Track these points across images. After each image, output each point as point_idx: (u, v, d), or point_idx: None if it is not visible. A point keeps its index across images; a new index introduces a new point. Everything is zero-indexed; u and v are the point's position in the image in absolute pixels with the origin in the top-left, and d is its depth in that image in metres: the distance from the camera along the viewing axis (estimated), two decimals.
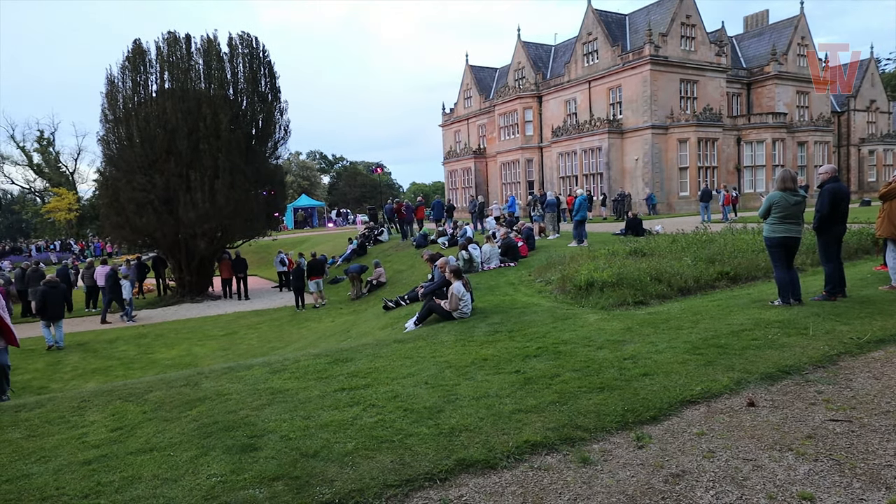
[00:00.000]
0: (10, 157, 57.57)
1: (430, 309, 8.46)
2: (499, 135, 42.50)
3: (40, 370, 11.92)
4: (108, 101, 20.55)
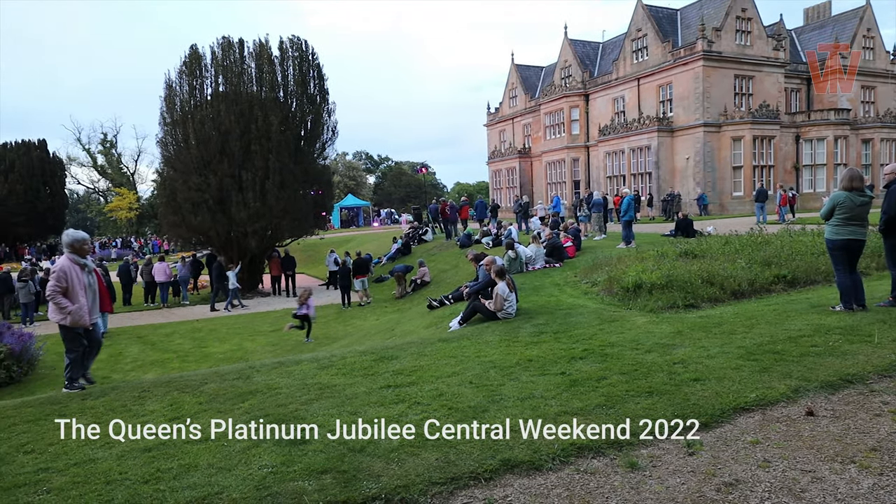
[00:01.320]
0: (77, 159, 60.80)
1: (475, 309, 8.47)
2: (544, 134, 42.10)
3: (103, 361, 12.53)
4: (166, 104, 21.44)
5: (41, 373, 11.72)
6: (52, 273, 5.86)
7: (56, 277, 5.76)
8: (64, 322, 5.82)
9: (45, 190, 44.53)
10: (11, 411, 5.24)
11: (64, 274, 5.78)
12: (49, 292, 5.76)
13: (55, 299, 5.74)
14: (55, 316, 5.86)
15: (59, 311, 5.79)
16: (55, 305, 5.79)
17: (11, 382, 10.82)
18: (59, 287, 5.74)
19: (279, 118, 20.74)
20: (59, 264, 5.90)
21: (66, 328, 5.91)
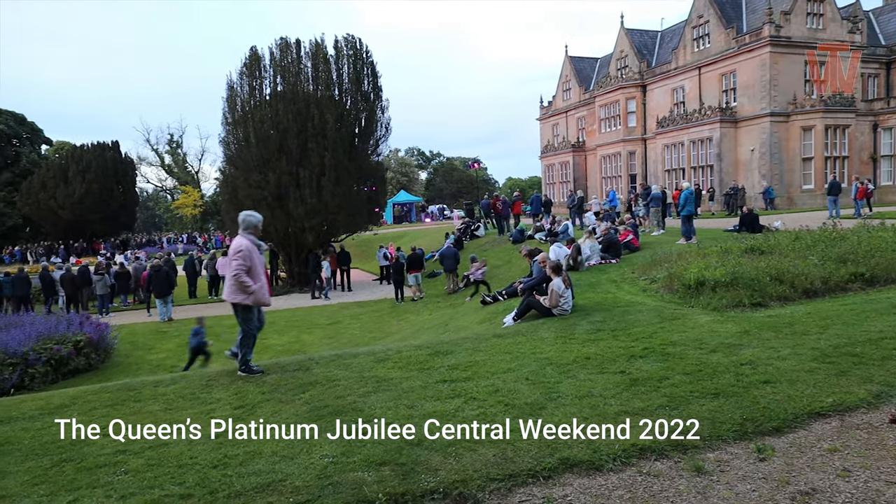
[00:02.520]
0: (146, 159, 64.05)
1: (530, 305, 8.38)
2: (599, 127, 41.17)
3: (171, 350, 13.17)
4: (228, 104, 22.23)
5: (116, 360, 12.43)
6: (236, 253, 5.66)
7: (242, 257, 5.63)
8: (246, 301, 5.70)
9: (118, 188, 47.01)
10: (92, 396, 5.57)
11: (249, 253, 5.68)
12: (235, 271, 5.60)
13: (241, 278, 5.60)
14: (237, 296, 5.69)
15: (241, 291, 5.65)
16: (238, 285, 5.63)
17: (90, 369, 11.51)
18: (245, 266, 5.62)
19: (334, 116, 21.14)
20: (242, 244, 5.72)
21: (246, 308, 5.78)
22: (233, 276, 5.66)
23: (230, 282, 5.75)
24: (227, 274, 5.82)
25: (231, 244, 5.95)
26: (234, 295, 5.73)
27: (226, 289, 5.89)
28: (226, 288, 5.89)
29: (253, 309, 5.87)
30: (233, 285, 5.70)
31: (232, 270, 5.66)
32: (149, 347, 13.52)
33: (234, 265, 5.65)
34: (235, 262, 5.64)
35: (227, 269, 5.84)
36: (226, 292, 5.87)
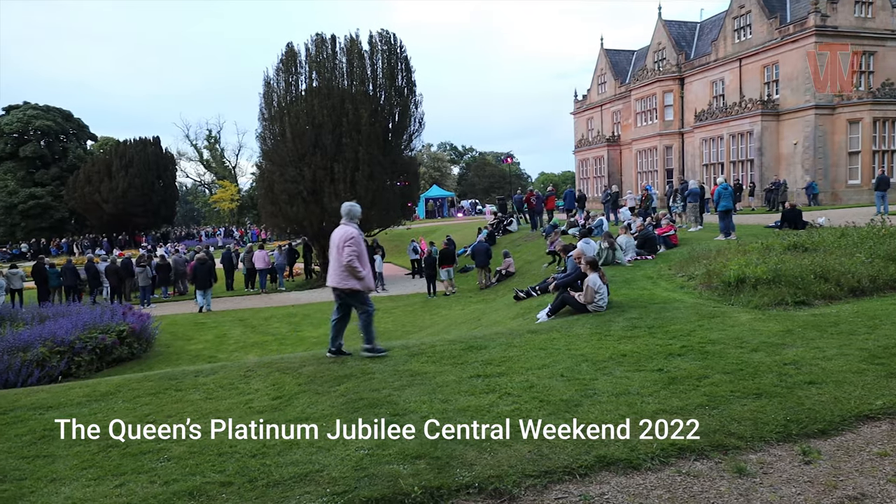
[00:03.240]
0: (186, 154, 65.66)
1: (564, 301, 8.29)
2: (635, 121, 40.41)
3: (210, 341, 13.50)
4: (264, 100, 22.62)
5: (157, 350, 12.79)
6: (348, 241, 5.77)
7: (354, 244, 5.75)
8: (357, 287, 5.83)
9: (159, 183, 48.42)
10: (135, 384, 5.75)
11: (358, 240, 5.82)
12: (348, 258, 5.70)
13: (353, 264, 5.71)
14: (348, 282, 5.80)
15: (353, 277, 5.77)
16: (351, 271, 5.74)
17: (133, 358, 11.88)
18: (356, 253, 5.74)
19: (368, 111, 21.29)
20: (352, 232, 5.82)
21: (357, 292, 5.92)
22: (346, 262, 5.74)
23: (340, 268, 5.84)
24: (336, 261, 5.88)
25: (338, 233, 5.97)
26: (345, 281, 5.84)
27: (333, 275, 5.96)
28: (333, 275, 5.96)
29: (360, 295, 5.97)
30: (344, 271, 5.82)
31: (345, 257, 5.74)
32: (188, 338, 13.88)
33: (347, 252, 5.74)
34: (348, 248, 5.73)
35: (336, 257, 5.89)
36: (334, 279, 5.95)
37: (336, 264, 5.90)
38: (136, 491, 3.40)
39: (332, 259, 6.05)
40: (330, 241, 6.15)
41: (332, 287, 6.10)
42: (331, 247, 6.10)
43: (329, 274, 6.13)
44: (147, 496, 3.33)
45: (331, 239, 6.11)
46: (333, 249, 5.99)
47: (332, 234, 6.10)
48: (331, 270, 6.06)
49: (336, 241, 5.94)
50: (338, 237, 5.93)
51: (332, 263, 6.02)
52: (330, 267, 6.10)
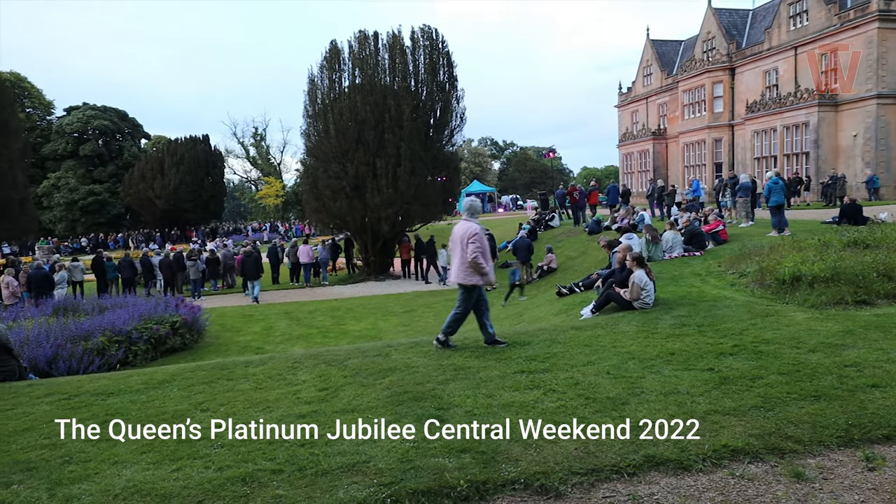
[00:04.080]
0: (233, 151, 67.60)
1: (609, 297, 8.16)
2: (682, 113, 39.29)
3: (257, 333, 13.88)
4: (309, 98, 23.02)
5: (207, 341, 13.24)
6: (472, 237, 5.80)
7: (478, 240, 5.78)
8: (478, 283, 5.88)
9: (208, 179, 49.96)
10: (189, 373, 5.96)
11: (482, 236, 5.85)
12: (473, 254, 5.73)
13: (478, 260, 5.74)
14: (471, 278, 5.84)
15: (476, 273, 5.81)
16: (475, 267, 5.77)
17: (185, 348, 12.33)
18: (481, 249, 5.76)
19: (410, 107, 21.40)
20: (475, 228, 5.86)
21: (471, 289, 5.97)
22: (470, 259, 5.77)
23: (463, 265, 5.87)
24: (460, 257, 5.89)
25: (459, 229, 5.98)
26: (468, 277, 5.88)
27: (456, 271, 5.98)
28: (456, 271, 5.98)
29: (476, 291, 6.01)
30: (468, 268, 5.84)
31: (470, 253, 5.76)
32: (237, 330, 14.31)
33: (472, 248, 5.75)
34: (472, 245, 5.76)
35: (459, 252, 5.91)
36: (457, 275, 5.98)
37: (459, 260, 5.90)
38: (192, 475, 3.53)
39: (454, 255, 6.06)
40: (451, 237, 6.15)
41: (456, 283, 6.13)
42: (452, 242, 6.11)
43: (452, 269, 6.14)
44: (202, 481, 3.45)
45: (452, 234, 6.11)
46: (457, 245, 5.99)
47: (454, 229, 6.10)
48: (454, 266, 6.06)
49: (458, 236, 5.93)
50: (460, 233, 5.92)
51: (455, 259, 6.02)
52: (453, 263, 6.11)
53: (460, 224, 6.06)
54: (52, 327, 10.48)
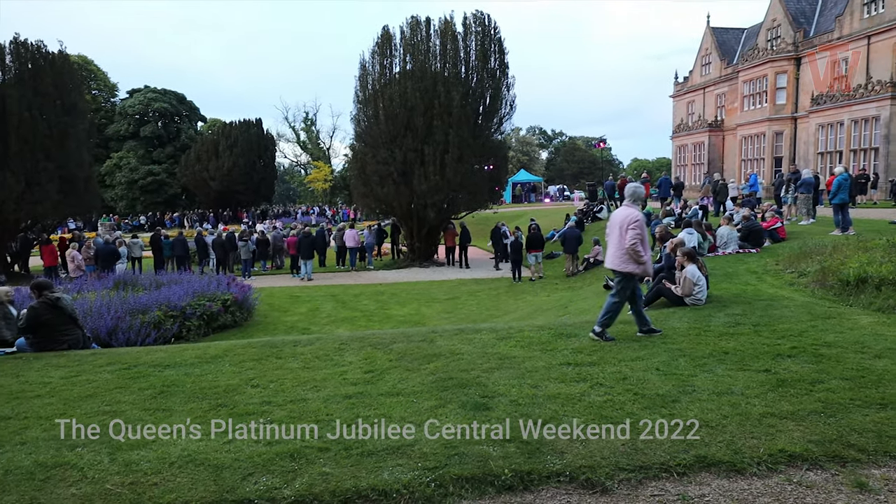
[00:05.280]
0: (284, 135, 69.12)
1: (659, 292, 7.95)
2: (741, 104, 37.71)
3: (304, 314, 14.20)
4: (360, 83, 23.22)
5: (256, 319, 13.64)
6: (633, 223, 5.62)
7: (639, 227, 5.60)
8: (635, 271, 5.73)
9: (260, 163, 51.25)
10: (240, 350, 6.15)
11: (643, 224, 5.71)
12: (633, 241, 5.58)
13: (637, 248, 5.59)
14: (627, 265, 5.70)
15: (634, 260, 5.66)
16: (633, 254, 5.62)
17: (235, 326, 12.74)
18: (641, 236, 5.61)
19: (460, 94, 21.30)
20: (637, 215, 5.70)
21: (630, 277, 5.81)
22: (629, 245, 5.60)
23: (620, 251, 5.71)
24: (617, 243, 5.75)
25: (619, 215, 5.83)
26: (624, 264, 5.71)
27: (613, 258, 5.84)
28: (613, 257, 5.84)
29: (634, 279, 5.87)
30: (625, 254, 5.67)
31: (629, 240, 5.59)
32: (284, 310, 14.67)
33: (631, 234, 5.58)
34: (632, 231, 5.59)
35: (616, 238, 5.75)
36: (614, 261, 5.83)
37: (616, 246, 5.77)
38: (242, 448, 3.64)
39: (611, 240, 5.91)
40: (609, 222, 6.01)
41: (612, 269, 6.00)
42: (610, 227, 5.96)
43: (608, 255, 5.99)
44: (252, 454, 3.55)
45: (610, 220, 5.97)
46: (615, 230, 5.81)
47: (612, 215, 5.98)
48: (610, 252, 5.92)
49: (617, 222, 5.76)
50: (619, 219, 5.75)
51: (612, 245, 5.86)
52: (609, 248, 5.96)
53: (621, 210, 5.89)
54: (113, 300, 11.00)
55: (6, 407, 4.66)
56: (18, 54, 20.80)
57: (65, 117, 21.63)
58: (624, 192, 5.98)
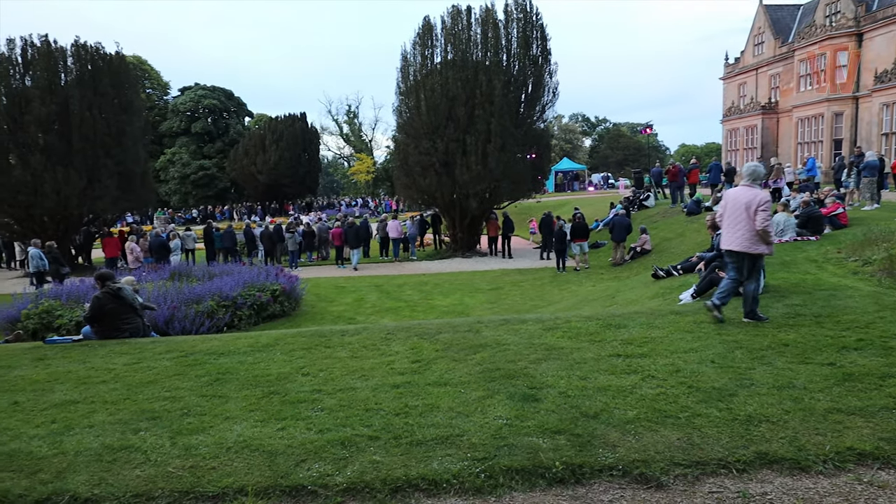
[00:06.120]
0: (328, 129, 70.13)
1: (713, 282, 7.68)
2: (797, 85, 35.97)
3: (349, 304, 14.42)
4: (401, 74, 23.26)
5: (304, 309, 13.92)
6: (764, 204, 5.56)
7: (768, 208, 5.58)
8: (765, 252, 5.75)
9: (305, 156, 52.21)
10: (290, 339, 6.28)
11: (770, 205, 5.63)
12: (764, 222, 5.54)
13: (769, 229, 5.60)
14: (757, 246, 5.68)
15: (763, 241, 5.65)
16: (764, 235, 5.60)
17: (283, 315, 13.04)
18: (770, 217, 5.54)
19: (502, 82, 21.07)
20: (765, 196, 5.62)
21: (761, 258, 5.84)
22: (762, 227, 5.57)
23: (747, 233, 5.65)
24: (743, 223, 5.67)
25: (744, 195, 5.73)
26: (755, 245, 5.68)
27: (739, 239, 5.76)
28: (740, 238, 5.76)
29: (762, 258, 5.84)
30: (753, 236, 5.65)
31: (760, 222, 5.56)
32: (330, 300, 14.93)
33: (762, 216, 5.54)
34: (763, 212, 5.54)
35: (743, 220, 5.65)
36: (739, 242, 5.76)
37: (742, 227, 5.69)
38: (295, 435, 3.72)
39: (733, 221, 5.81)
40: (728, 202, 5.91)
41: (730, 250, 5.91)
42: (730, 207, 5.86)
43: (728, 237, 5.90)
44: (305, 441, 3.63)
45: (729, 199, 5.88)
46: (741, 210, 5.70)
47: (733, 195, 5.89)
48: (731, 233, 5.82)
49: (743, 203, 5.67)
50: (745, 199, 5.66)
51: (736, 225, 5.76)
52: (729, 229, 5.87)
53: (741, 190, 5.79)
54: (169, 290, 11.43)
55: (75, 391, 4.90)
56: (79, 56, 21.74)
57: (122, 115, 22.54)
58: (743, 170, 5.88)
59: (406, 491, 3.09)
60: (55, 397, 4.78)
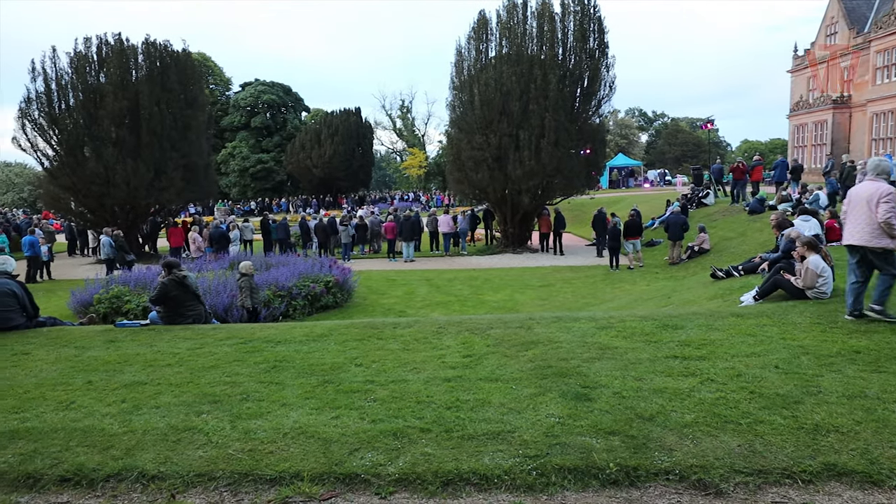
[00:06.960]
0: (381, 123, 71.01)
1: (777, 283, 7.34)
2: (873, 78, 33.84)
3: (400, 297, 14.59)
4: (455, 69, 23.27)
5: (356, 301, 14.18)
6: (887, 196, 5.40)
7: (893, 199, 5.38)
8: (887, 245, 5.50)
9: (359, 150, 53.07)
10: (344, 330, 6.42)
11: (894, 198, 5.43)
12: (887, 214, 5.35)
13: (892, 222, 5.35)
14: (881, 240, 5.49)
15: (888, 234, 5.44)
16: (889, 228, 5.39)
17: (336, 306, 13.33)
18: (894, 210, 5.37)
19: (557, 76, 20.76)
20: (889, 189, 5.45)
21: (890, 253, 5.55)
22: (884, 220, 5.39)
23: (867, 227, 5.53)
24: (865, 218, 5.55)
25: (867, 189, 5.60)
26: (878, 239, 5.51)
27: (861, 233, 5.63)
28: (861, 233, 5.62)
29: (892, 253, 5.65)
30: (875, 229, 5.49)
31: (882, 214, 5.39)
32: (381, 293, 15.14)
33: (885, 208, 5.38)
34: (886, 204, 5.39)
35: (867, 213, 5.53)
36: (861, 237, 5.62)
37: (862, 221, 5.58)
38: (349, 424, 3.80)
39: (855, 216, 5.68)
40: (851, 197, 5.80)
41: (852, 245, 5.75)
42: (853, 203, 5.73)
43: (851, 232, 5.76)
44: (358, 430, 3.70)
45: (853, 195, 5.78)
46: (861, 206, 5.59)
47: (855, 191, 5.79)
48: (854, 228, 5.68)
49: (865, 196, 5.55)
50: (867, 192, 5.54)
51: (857, 220, 5.63)
52: (852, 225, 5.75)
53: (864, 185, 5.65)
54: (229, 280, 11.87)
55: (142, 373, 5.17)
56: (149, 53, 22.82)
57: (187, 110, 23.54)
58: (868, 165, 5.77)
59: (457, 484, 3.11)
60: (125, 378, 5.05)
